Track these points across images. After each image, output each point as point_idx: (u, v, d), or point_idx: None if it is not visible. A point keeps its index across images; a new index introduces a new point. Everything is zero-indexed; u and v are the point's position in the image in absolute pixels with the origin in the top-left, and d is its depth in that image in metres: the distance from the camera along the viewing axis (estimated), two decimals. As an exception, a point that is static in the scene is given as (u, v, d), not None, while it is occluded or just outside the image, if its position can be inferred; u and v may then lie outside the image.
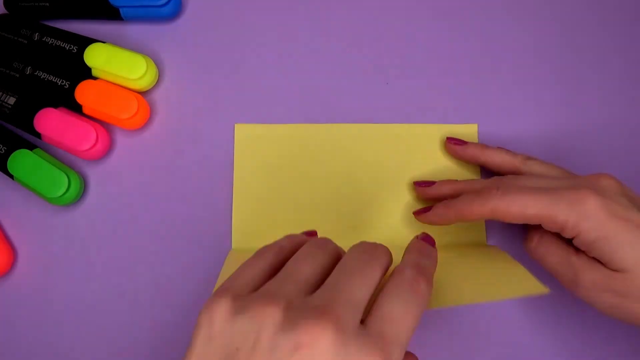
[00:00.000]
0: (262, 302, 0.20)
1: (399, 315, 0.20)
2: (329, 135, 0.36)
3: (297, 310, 0.19)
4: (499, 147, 0.34)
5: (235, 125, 0.36)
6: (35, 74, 0.37)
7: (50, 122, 0.35)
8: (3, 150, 0.36)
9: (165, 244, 0.35)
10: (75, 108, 0.36)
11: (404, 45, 0.38)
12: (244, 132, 0.36)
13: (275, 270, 0.23)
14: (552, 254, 0.29)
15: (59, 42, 0.38)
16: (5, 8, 0.40)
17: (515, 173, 0.32)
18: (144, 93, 0.38)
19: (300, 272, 0.22)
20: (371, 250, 0.23)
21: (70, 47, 0.37)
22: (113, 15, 0.38)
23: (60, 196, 0.34)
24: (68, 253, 0.36)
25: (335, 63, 0.38)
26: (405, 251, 0.24)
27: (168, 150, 0.37)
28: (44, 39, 0.38)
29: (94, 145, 0.35)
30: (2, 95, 0.37)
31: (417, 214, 0.33)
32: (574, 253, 0.28)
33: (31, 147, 0.36)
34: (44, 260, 0.36)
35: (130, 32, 0.39)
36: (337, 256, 0.23)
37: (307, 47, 0.38)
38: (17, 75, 0.37)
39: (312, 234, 0.28)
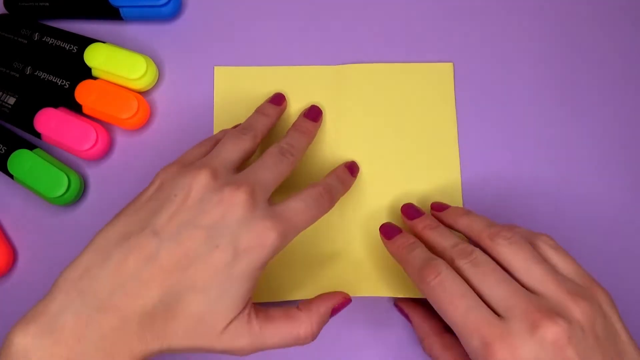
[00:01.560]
0: (196, 168, 0.27)
1: (299, 209, 0.27)
2: (308, 77, 0.36)
3: (222, 179, 0.27)
4: (475, 214, 0.30)
5: (215, 67, 0.36)
6: (35, 74, 0.37)
7: (50, 122, 0.35)
8: (3, 150, 0.36)
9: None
10: (75, 108, 0.36)
11: None
12: (223, 75, 0.36)
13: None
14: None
15: (59, 42, 0.38)
16: (5, 8, 0.40)
17: (482, 248, 0.28)
18: (144, 93, 0.38)
19: (225, 153, 0.29)
20: (282, 153, 0.29)
21: (70, 47, 0.37)
22: (113, 15, 0.38)
23: (60, 196, 0.34)
24: (68, 253, 0.35)
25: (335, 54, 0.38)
26: (330, 171, 0.32)
27: (168, 150, 0.37)
28: (44, 39, 0.38)
29: (94, 145, 0.35)
30: (2, 95, 0.37)
31: (384, 230, 0.32)
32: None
33: (31, 147, 0.36)
34: (44, 260, 0.36)
35: (130, 32, 0.39)
36: (252, 143, 0.30)
37: (307, 47, 0.38)
38: (17, 75, 0.37)
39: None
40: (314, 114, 0.35)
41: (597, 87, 0.37)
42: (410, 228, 0.32)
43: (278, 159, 0.29)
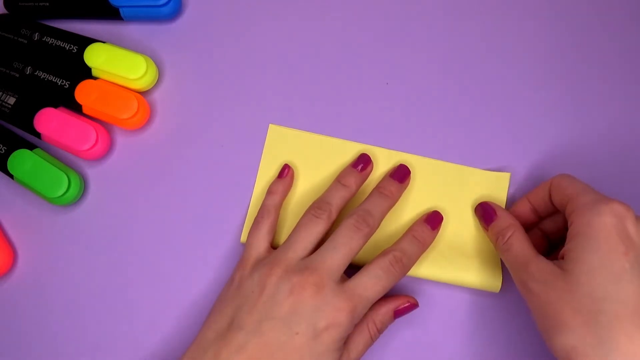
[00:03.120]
0: (270, 265, 0.30)
1: (369, 284, 0.29)
2: (356, 154, 0.35)
3: (292, 270, 0.29)
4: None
5: (270, 125, 0.36)
6: (35, 74, 0.37)
7: (50, 122, 0.35)
8: (3, 150, 0.36)
9: (166, 243, 0.35)
10: (75, 108, 0.36)
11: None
12: (276, 133, 0.36)
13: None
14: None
15: (59, 42, 0.38)
16: (5, 8, 0.40)
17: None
18: (144, 93, 0.38)
19: (297, 242, 0.31)
20: (357, 225, 0.30)
21: (70, 47, 0.37)
22: (113, 15, 0.38)
23: (60, 196, 0.34)
24: (68, 253, 0.36)
25: (339, 68, 0.38)
26: (407, 230, 0.32)
27: (168, 150, 0.37)
28: (44, 39, 0.38)
29: (94, 145, 0.35)
30: (2, 95, 0.37)
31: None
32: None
33: (31, 147, 0.36)
34: (44, 260, 0.36)
35: (130, 32, 0.39)
36: (327, 223, 0.31)
37: (307, 47, 0.38)
38: (17, 75, 0.37)
39: (285, 173, 0.35)
40: (401, 174, 0.34)
41: None
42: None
43: (352, 232, 0.30)
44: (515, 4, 0.38)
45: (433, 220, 0.33)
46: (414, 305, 0.32)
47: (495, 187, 0.35)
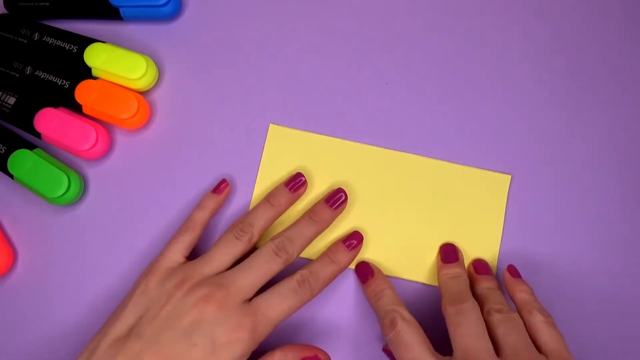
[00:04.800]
0: (181, 277, 0.29)
1: (274, 303, 0.29)
2: (359, 155, 0.36)
3: (202, 284, 0.29)
4: (490, 280, 0.33)
5: (270, 125, 0.36)
6: (35, 73, 0.37)
7: (50, 122, 0.35)
8: (3, 150, 0.36)
9: (165, 244, 0.35)
10: (75, 108, 0.36)
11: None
12: (276, 133, 0.36)
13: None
14: None
15: (59, 42, 0.38)
16: (5, 8, 0.40)
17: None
18: (144, 93, 0.38)
19: (214, 260, 0.30)
20: (275, 252, 0.30)
21: (70, 47, 0.37)
22: (113, 15, 0.38)
23: (60, 196, 0.34)
24: (68, 253, 0.36)
25: (340, 68, 0.38)
26: (325, 250, 0.32)
27: (168, 150, 0.37)
28: (44, 39, 0.38)
29: (94, 145, 0.35)
30: (2, 95, 0.37)
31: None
32: None
33: (31, 147, 0.36)
34: (44, 260, 0.36)
35: (130, 32, 0.39)
36: (247, 245, 0.31)
37: (307, 47, 0.38)
38: (17, 75, 0.37)
39: (221, 189, 0.34)
40: (335, 200, 0.33)
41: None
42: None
43: (270, 257, 0.30)
44: (516, 3, 0.38)
45: (351, 242, 0.33)
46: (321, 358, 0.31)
47: (496, 188, 0.35)
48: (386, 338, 0.29)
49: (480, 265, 0.34)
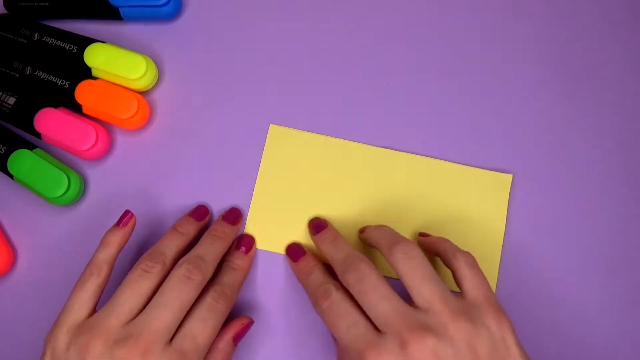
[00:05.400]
0: (87, 335, 0.26)
1: (197, 331, 0.27)
2: (360, 155, 0.35)
3: (114, 341, 0.25)
4: (388, 228, 0.31)
5: (270, 125, 0.36)
6: (35, 74, 0.37)
7: (50, 122, 0.35)
8: (3, 150, 0.36)
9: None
10: (75, 108, 0.36)
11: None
12: (276, 133, 0.36)
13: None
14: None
15: (59, 42, 0.38)
16: (5, 8, 0.40)
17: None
18: (144, 93, 0.38)
19: (122, 304, 0.27)
20: (187, 275, 0.28)
21: (70, 47, 0.37)
22: (113, 15, 0.38)
23: (60, 196, 0.34)
24: (68, 253, 0.36)
25: (340, 68, 0.38)
26: (221, 267, 0.32)
27: (168, 150, 0.37)
28: (44, 39, 0.38)
29: (94, 145, 0.35)
30: (2, 95, 0.37)
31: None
32: None
33: (31, 147, 0.36)
34: (44, 260, 0.36)
35: (130, 32, 0.39)
36: (159, 277, 0.28)
37: (307, 47, 0.38)
38: (17, 75, 0.37)
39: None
40: (233, 216, 0.34)
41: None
42: (314, 243, 0.33)
43: (182, 285, 0.27)
44: (516, 3, 0.38)
45: (245, 244, 0.33)
46: (250, 324, 0.31)
47: (497, 187, 0.35)
48: (319, 310, 0.28)
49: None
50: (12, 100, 0.37)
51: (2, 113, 0.37)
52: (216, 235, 0.32)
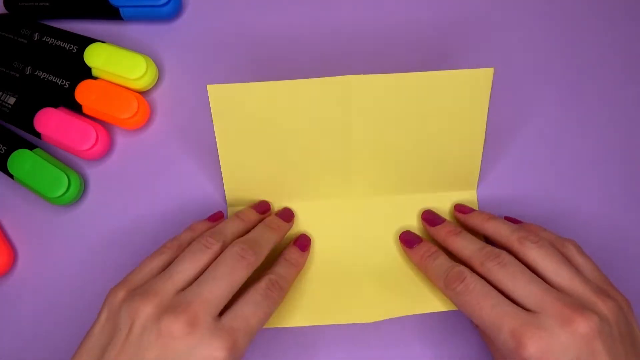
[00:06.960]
0: (142, 297, 0.26)
1: (249, 313, 0.27)
2: (313, 91, 0.31)
3: (165, 306, 0.26)
4: (500, 219, 0.31)
5: (208, 86, 0.31)
6: (35, 73, 0.37)
7: (50, 122, 0.35)
8: (3, 150, 0.36)
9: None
10: (75, 108, 0.36)
11: None
12: (219, 93, 0.31)
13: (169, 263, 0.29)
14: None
15: (59, 42, 0.38)
16: (5, 8, 0.40)
17: (510, 251, 0.29)
18: (144, 93, 0.38)
19: (179, 272, 0.27)
20: (241, 254, 0.28)
21: (70, 47, 0.37)
22: (113, 15, 0.38)
23: (60, 196, 0.34)
24: (68, 253, 0.36)
25: (340, 68, 0.38)
26: (279, 256, 0.32)
27: (168, 150, 0.37)
28: (44, 39, 0.38)
29: (94, 145, 0.35)
30: (2, 95, 0.37)
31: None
32: None
33: (31, 147, 0.36)
34: (44, 260, 0.36)
35: (130, 32, 0.39)
36: (217, 254, 0.29)
37: (307, 47, 0.38)
38: (17, 75, 0.37)
39: (216, 217, 0.33)
40: (286, 215, 0.34)
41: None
42: (432, 235, 0.33)
43: (236, 262, 0.28)
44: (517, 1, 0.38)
45: (302, 243, 0.33)
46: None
47: (477, 85, 0.31)
48: (451, 293, 0.28)
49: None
50: (12, 100, 0.37)
51: (2, 113, 0.37)
52: (270, 226, 0.32)
